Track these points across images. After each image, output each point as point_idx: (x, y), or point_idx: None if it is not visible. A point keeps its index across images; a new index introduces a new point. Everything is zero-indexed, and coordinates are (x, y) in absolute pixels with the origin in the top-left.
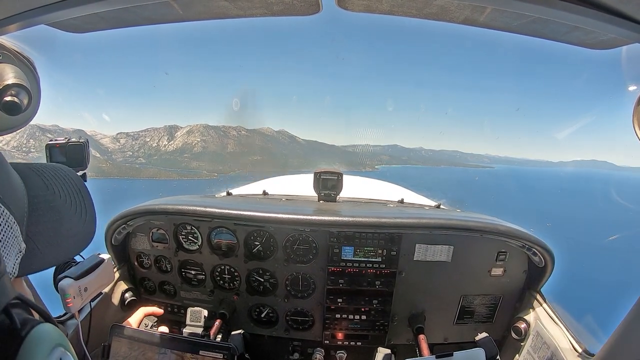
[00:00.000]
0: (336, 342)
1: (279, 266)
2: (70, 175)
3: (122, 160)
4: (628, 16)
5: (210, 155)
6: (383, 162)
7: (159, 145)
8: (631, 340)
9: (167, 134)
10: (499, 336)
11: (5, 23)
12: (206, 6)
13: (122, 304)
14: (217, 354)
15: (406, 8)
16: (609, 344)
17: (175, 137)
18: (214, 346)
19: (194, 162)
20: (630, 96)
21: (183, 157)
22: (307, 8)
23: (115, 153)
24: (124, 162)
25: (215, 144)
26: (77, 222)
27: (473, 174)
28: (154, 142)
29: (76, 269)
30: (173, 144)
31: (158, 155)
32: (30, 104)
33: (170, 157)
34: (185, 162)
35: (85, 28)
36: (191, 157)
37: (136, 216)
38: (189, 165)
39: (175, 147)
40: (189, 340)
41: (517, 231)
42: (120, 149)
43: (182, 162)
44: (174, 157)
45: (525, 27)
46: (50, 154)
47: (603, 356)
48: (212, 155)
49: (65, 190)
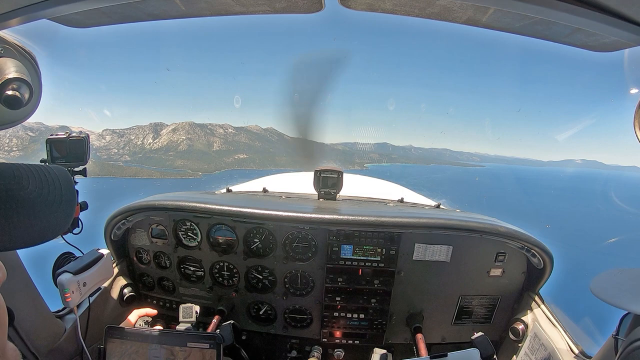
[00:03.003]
0: (334, 341)
1: (278, 264)
2: (55, 173)
3: (106, 158)
4: (631, 19)
5: (196, 153)
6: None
7: (144, 143)
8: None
9: (153, 132)
10: (497, 337)
11: (7, 17)
12: (209, 3)
13: (121, 299)
14: (204, 343)
15: (409, 7)
16: (606, 346)
17: (161, 135)
18: (200, 336)
19: (179, 160)
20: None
21: (168, 155)
22: (310, 6)
23: (100, 150)
24: (108, 160)
25: (201, 142)
26: (43, 215)
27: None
28: (138, 140)
29: (75, 263)
30: (158, 142)
31: (143, 153)
32: (31, 99)
33: (155, 155)
34: (170, 160)
35: (87, 23)
36: (176, 156)
37: (136, 212)
38: (174, 164)
39: (160, 145)
40: (176, 334)
41: (516, 232)
42: (105, 147)
43: (166, 160)
44: (159, 156)
45: (528, 28)
46: (50, 148)
47: (600, 358)
48: (197, 153)
49: (37, 183)
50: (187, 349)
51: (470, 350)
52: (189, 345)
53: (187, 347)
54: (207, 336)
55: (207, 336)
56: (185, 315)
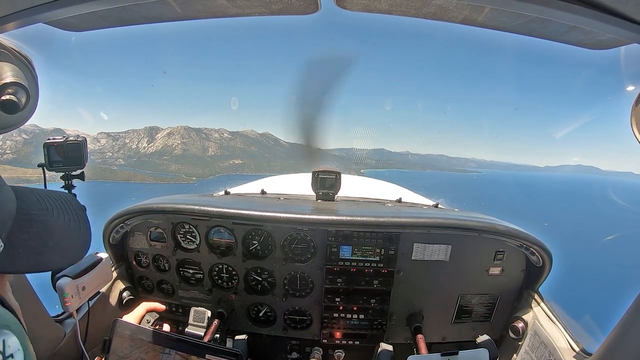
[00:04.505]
0: (334, 341)
1: (277, 265)
2: (70, 200)
3: (100, 162)
4: (626, 16)
5: (191, 158)
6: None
7: (139, 147)
8: (628, 339)
9: (148, 136)
10: (497, 335)
11: (3, 21)
12: (205, 5)
13: (120, 303)
14: (224, 359)
15: (405, 7)
16: (607, 343)
17: (156, 139)
18: (221, 351)
19: (173, 165)
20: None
21: (162, 159)
22: (306, 7)
23: (94, 154)
24: (102, 164)
25: (197, 146)
26: (67, 238)
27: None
28: (133, 143)
29: (74, 268)
30: (153, 146)
31: (137, 157)
32: (28, 103)
33: (149, 159)
34: (164, 165)
35: (83, 26)
36: (171, 160)
37: (134, 215)
38: (168, 168)
39: (155, 149)
40: (195, 343)
41: (515, 231)
42: (99, 150)
43: (161, 164)
44: (153, 160)
45: (524, 27)
46: (48, 152)
47: (600, 355)
48: (192, 158)
49: (60, 209)
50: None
51: (480, 350)
52: (206, 357)
53: (205, 358)
54: (228, 352)
55: (229, 352)
56: (196, 319)
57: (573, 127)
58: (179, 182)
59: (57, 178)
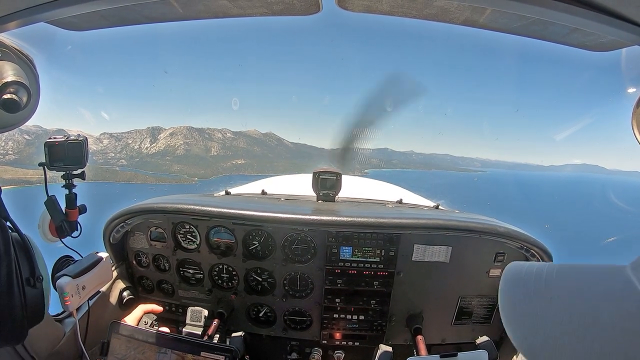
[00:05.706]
0: (334, 342)
1: (277, 266)
2: None
3: (102, 162)
4: (628, 18)
5: (194, 158)
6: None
7: (141, 147)
8: None
9: (150, 136)
10: (497, 337)
11: (5, 20)
12: (206, 5)
13: (120, 303)
14: (219, 355)
15: (406, 9)
16: None
17: (158, 139)
18: (215, 348)
19: (175, 165)
20: (629, 98)
21: (165, 160)
22: (307, 8)
23: (97, 154)
24: (104, 164)
25: (199, 146)
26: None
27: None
28: (136, 144)
29: (74, 267)
30: (155, 146)
31: (140, 157)
32: (29, 102)
33: (152, 159)
34: (166, 165)
35: (85, 26)
36: (173, 160)
37: (135, 215)
38: (170, 168)
39: (157, 150)
40: (190, 341)
41: (515, 232)
42: (102, 150)
43: (163, 165)
44: (156, 160)
45: (525, 29)
46: (49, 152)
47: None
48: (195, 158)
49: None
50: (200, 357)
51: (480, 352)
52: (202, 355)
53: (201, 356)
54: (223, 349)
55: (224, 349)
56: (193, 319)
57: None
58: (180, 183)
59: (58, 178)
